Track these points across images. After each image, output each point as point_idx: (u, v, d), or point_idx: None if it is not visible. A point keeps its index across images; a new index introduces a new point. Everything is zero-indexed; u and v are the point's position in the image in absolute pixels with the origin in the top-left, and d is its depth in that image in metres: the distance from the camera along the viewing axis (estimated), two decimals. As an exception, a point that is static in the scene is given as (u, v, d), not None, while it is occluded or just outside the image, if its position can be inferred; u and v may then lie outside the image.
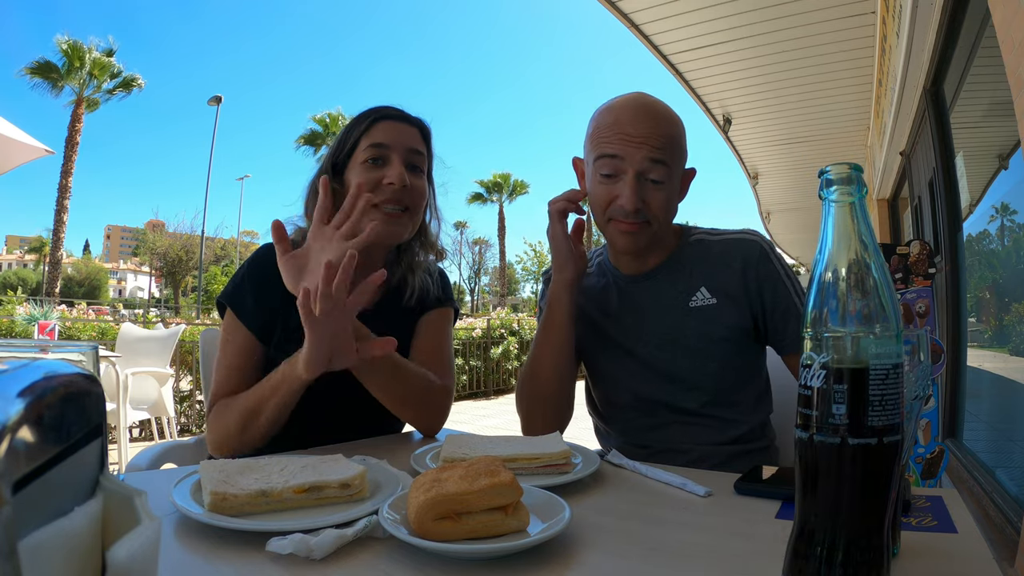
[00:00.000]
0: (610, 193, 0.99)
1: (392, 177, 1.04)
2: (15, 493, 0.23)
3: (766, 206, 9.32)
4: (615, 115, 0.99)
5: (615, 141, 0.97)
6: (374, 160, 1.06)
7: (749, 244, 1.05)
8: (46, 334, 4.71)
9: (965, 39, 2.57)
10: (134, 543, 0.29)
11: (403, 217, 1.07)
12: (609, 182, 0.99)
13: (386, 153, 1.07)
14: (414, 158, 1.09)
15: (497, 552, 0.53)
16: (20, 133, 3.56)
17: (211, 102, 27.92)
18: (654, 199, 0.98)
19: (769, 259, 1.04)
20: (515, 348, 8.13)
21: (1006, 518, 2.06)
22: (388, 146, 1.07)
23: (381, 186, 1.05)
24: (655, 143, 0.96)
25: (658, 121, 0.98)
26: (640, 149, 0.96)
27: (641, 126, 0.97)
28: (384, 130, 1.08)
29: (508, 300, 37.35)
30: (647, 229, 1.00)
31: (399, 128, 1.09)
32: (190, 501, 0.62)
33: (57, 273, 21.48)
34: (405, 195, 1.06)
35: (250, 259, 1.12)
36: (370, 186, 1.04)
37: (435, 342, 1.15)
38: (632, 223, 0.99)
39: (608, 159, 0.98)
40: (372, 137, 1.07)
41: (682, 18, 4.09)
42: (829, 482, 0.43)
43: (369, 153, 1.06)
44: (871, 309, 0.43)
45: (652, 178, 0.97)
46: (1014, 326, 2.49)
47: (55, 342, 0.79)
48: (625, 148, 0.96)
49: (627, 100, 1.02)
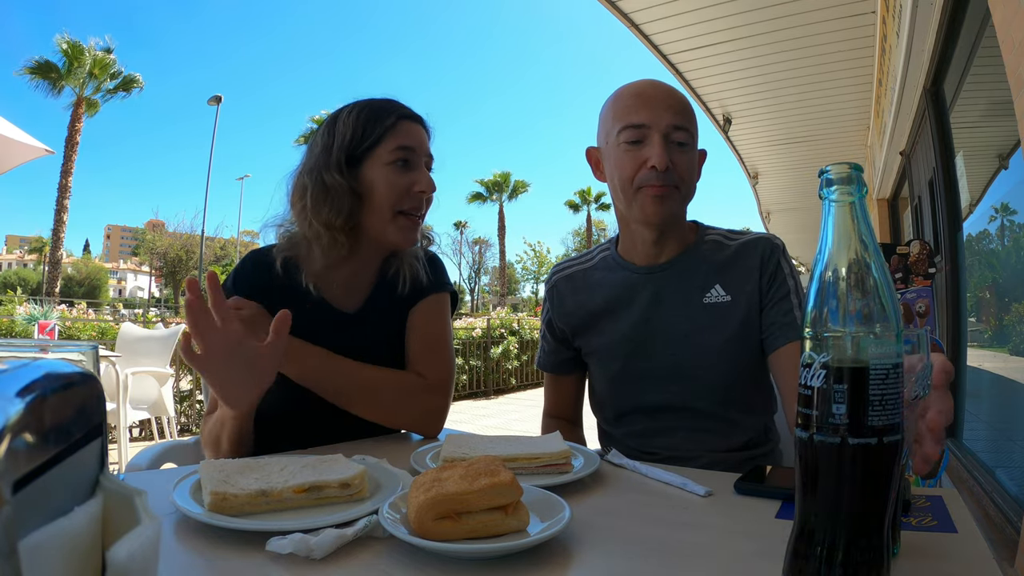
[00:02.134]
0: (637, 159, 1.00)
1: (423, 185, 1.05)
2: (15, 493, 0.23)
3: (766, 206, 9.31)
4: (636, 88, 1.04)
5: (640, 109, 1.01)
6: (403, 163, 1.05)
7: (766, 242, 1.06)
8: (46, 334, 4.71)
9: (965, 39, 2.57)
10: (134, 543, 0.29)
11: (420, 222, 1.08)
12: (636, 148, 1.01)
13: (413, 157, 1.06)
14: (431, 163, 1.10)
15: (497, 552, 0.53)
16: (20, 133, 3.56)
17: (211, 102, 27.90)
18: (681, 161, 1.00)
19: (784, 258, 1.05)
20: (515, 348, 8.13)
21: (1006, 518, 2.06)
22: (415, 150, 1.06)
23: (411, 193, 1.04)
24: (677, 108, 1.00)
25: (674, 92, 1.03)
26: (665, 113, 0.99)
27: (661, 94, 1.02)
28: (410, 132, 1.06)
29: (508, 300, 37.35)
30: (676, 195, 1.01)
31: (420, 132, 1.09)
32: (190, 501, 0.62)
33: (57, 273, 21.50)
34: (427, 203, 1.07)
35: (237, 268, 1.11)
36: (400, 191, 1.04)
37: (427, 331, 1.11)
38: (663, 185, 0.99)
39: (633, 128, 1.01)
40: (399, 138, 1.04)
41: (682, 18, 4.09)
42: (829, 482, 0.43)
43: (397, 155, 1.04)
44: (871, 309, 0.43)
45: (678, 140, 1.00)
46: (1014, 326, 2.49)
47: (55, 342, 0.78)
48: (650, 114, 1.00)
49: (643, 80, 1.06)
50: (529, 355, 8.38)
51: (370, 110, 1.06)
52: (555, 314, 1.17)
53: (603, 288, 1.12)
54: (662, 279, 1.07)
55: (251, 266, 1.08)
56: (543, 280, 1.22)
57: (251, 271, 1.07)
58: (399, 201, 1.04)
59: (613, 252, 1.14)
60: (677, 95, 1.03)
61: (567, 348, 1.18)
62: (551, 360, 1.20)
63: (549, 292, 1.20)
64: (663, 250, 1.07)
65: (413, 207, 1.05)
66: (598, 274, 1.14)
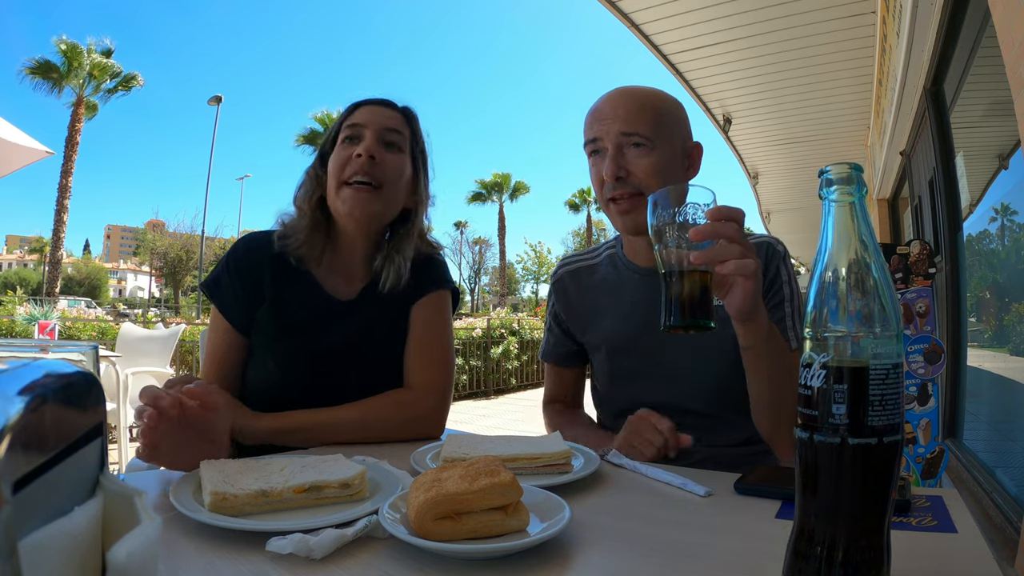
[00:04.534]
0: (599, 175, 1.02)
1: (360, 149, 1.05)
2: (15, 493, 0.23)
3: (766, 206, 9.31)
4: (594, 106, 1.06)
5: (593, 124, 1.03)
6: (348, 139, 1.08)
7: (768, 247, 1.06)
8: (46, 334, 4.71)
9: (965, 39, 2.57)
10: (134, 543, 0.29)
11: (373, 193, 1.05)
12: (598, 162, 1.02)
13: (360, 131, 1.08)
14: (389, 135, 1.09)
15: (497, 552, 0.53)
16: (21, 135, 3.56)
17: (211, 102, 27.91)
18: (637, 166, 1.00)
19: (784, 262, 1.05)
20: (515, 348, 8.13)
21: (1006, 518, 2.06)
22: (363, 125, 1.08)
23: (351, 160, 1.05)
24: (626, 117, 1.00)
25: (633, 99, 1.02)
26: (614, 124, 1.00)
27: (613, 107, 1.02)
28: (361, 113, 1.10)
29: (508, 300, 37.35)
30: (640, 200, 1.00)
31: (377, 110, 1.10)
32: (190, 501, 0.62)
33: (57, 273, 21.48)
34: (375, 169, 1.05)
35: (229, 252, 1.11)
36: (341, 163, 1.05)
37: (426, 332, 1.11)
38: (620, 193, 1.00)
39: (591, 143, 1.03)
40: (350, 120, 1.09)
41: (682, 18, 4.09)
42: (829, 482, 0.43)
43: (345, 133, 1.08)
44: (871, 309, 0.43)
45: (633, 143, 1.00)
46: (1014, 326, 2.49)
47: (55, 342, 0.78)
48: (600, 127, 1.01)
49: (610, 91, 1.07)
50: (529, 355, 8.38)
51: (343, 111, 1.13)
52: (560, 308, 1.19)
53: (606, 287, 1.13)
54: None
55: (243, 249, 1.10)
56: (543, 280, 1.22)
57: (243, 254, 1.09)
58: (341, 172, 1.05)
59: (619, 251, 1.15)
60: (636, 99, 1.01)
61: (572, 341, 1.19)
62: (556, 352, 1.22)
63: (555, 286, 1.22)
64: None
65: (354, 174, 1.04)
66: (602, 272, 1.15)
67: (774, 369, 0.86)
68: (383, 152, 1.06)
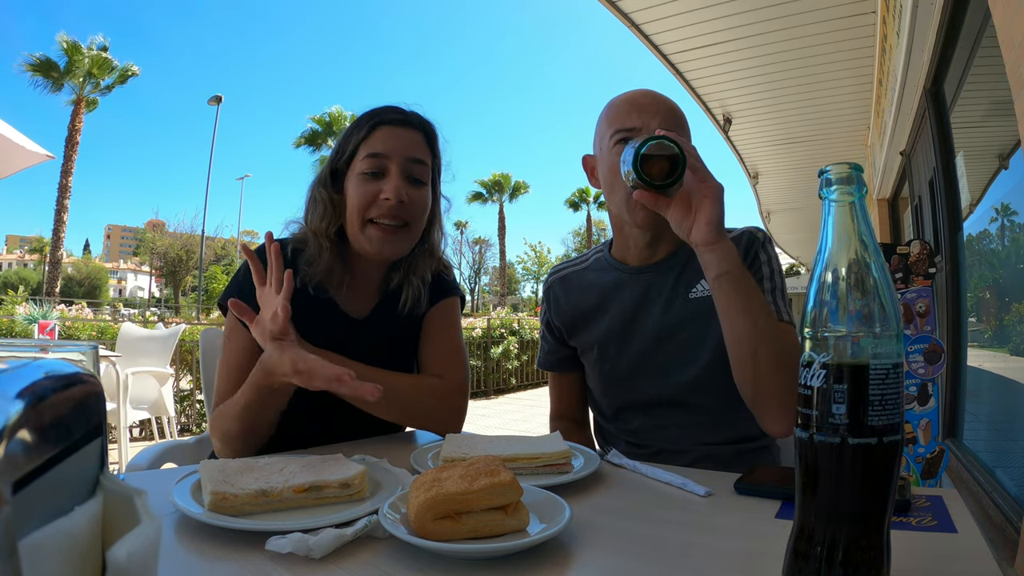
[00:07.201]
0: None
1: (388, 192, 1.01)
2: (15, 493, 0.23)
3: (766, 206, 9.31)
4: (628, 96, 1.06)
5: (631, 114, 1.03)
6: (372, 173, 1.02)
7: (748, 235, 1.06)
8: (46, 334, 4.71)
9: (965, 39, 2.57)
10: (134, 543, 0.29)
11: (400, 232, 1.04)
12: None
13: (384, 164, 1.03)
14: (414, 168, 1.04)
15: (497, 552, 0.53)
16: (22, 138, 3.57)
17: (211, 101, 27.92)
18: None
19: (764, 248, 1.05)
20: (515, 348, 8.13)
21: (1006, 518, 2.06)
22: (386, 156, 1.03)
23: (377, 201, 1.02)
24: (667, 116, 1.02)
25: (667, 104, 1.05)
26: (654, 119, 1.01)
27: (655, 103, 1.04)
28: (383, 137, 1.04)
29: (508, 300, 37.37)
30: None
31: (398, 134, 1.05)
32: (190, 501, 0.62)
33: (57, 273, 21.49)
34: (403, 211, 1.02)
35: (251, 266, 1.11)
36: (366, 201, 1.02)
37: (442, 337, 1.14)
38: None
39: (624, 131, 1.03)
40: (371, 145, 1.03)
41: (682, 18, 4.09)
42: (829, 482, 0.43)
43: (366, 165, 1.02)
44: (871, 309, 0.43)
45: None
46: (1014, 326, 2.49)
47: (55, 342, 0.79)
48: (640, 119, 1.02)
49: (636, 89, 1.08)
50: (529, 355, 8.38)
51: (354, 123, 1.09)
52: (552, 315, 1.20)
53: (595, 288, 1.14)
54: (650, 278, 1.09)
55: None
56: (543, 280, 1.25)
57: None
58: (366, 210, 1.02)
59: (606, 254, 1.17)
60: (668, 107, 1.04)
61: (565, 347, 1.20)
62: (551, 359, 1.23)
63: (546, 293, 1.24)
64: (657, 251, 1.10)
65: (381, 215, 1.02)
66: (591, 275, 1.16)
67: (751, 303, 0.86)
68: (410, 190, 1.03)
